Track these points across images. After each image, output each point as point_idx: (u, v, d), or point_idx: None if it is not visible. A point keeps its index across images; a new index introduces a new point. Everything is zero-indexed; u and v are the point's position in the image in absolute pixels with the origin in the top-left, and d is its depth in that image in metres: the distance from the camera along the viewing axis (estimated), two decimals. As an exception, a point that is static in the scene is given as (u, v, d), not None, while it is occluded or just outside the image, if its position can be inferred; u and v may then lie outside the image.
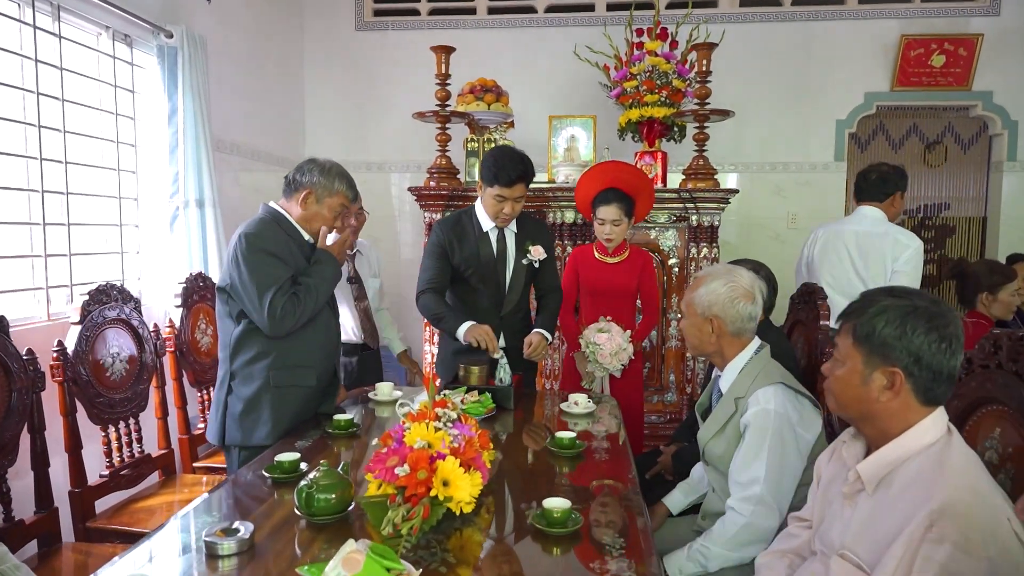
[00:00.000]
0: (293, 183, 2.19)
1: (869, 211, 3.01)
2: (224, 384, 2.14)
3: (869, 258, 2.95)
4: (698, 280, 1.85)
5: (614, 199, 2.81)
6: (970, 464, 1.12)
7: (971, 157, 4.91)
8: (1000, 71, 4.54)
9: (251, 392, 2.09)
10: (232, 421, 2.11)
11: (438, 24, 4.90)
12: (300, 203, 2.17)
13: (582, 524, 1.40)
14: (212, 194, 3.35)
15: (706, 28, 3.91)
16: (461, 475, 1.39)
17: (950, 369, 1.15)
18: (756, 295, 1.80)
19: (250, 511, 1.50)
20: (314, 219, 2.19)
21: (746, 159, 4.76)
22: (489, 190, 2.50)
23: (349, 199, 2.23)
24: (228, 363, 2.13)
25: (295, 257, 2.14)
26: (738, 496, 1.69)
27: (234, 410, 2.11)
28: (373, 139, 4.98)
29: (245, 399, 2.09)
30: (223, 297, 2.10)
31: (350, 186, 2.23)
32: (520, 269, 2.65)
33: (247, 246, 2.04)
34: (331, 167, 2.20)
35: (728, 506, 1.72)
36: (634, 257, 2.93)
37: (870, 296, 1.22)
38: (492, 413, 2.20)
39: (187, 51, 3.21)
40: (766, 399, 1.69)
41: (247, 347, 2.09)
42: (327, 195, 2.18)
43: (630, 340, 2.74)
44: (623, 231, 2.85)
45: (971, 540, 1.02)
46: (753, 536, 1.67)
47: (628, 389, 2.84)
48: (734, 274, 1.82)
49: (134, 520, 2.24)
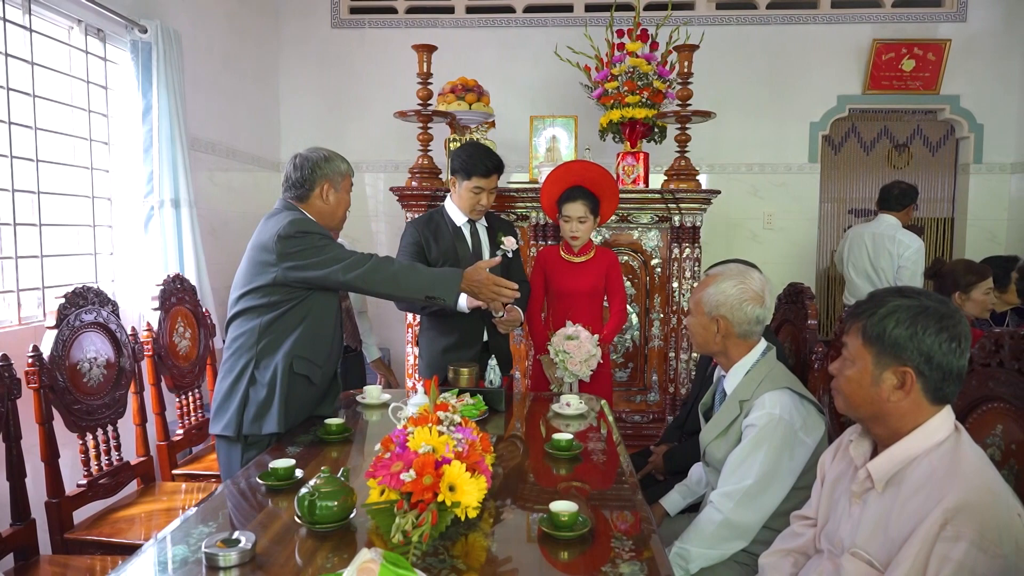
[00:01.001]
0: (304, 183, 2.16)
1: (887, 218, 3.89)
2: (248, 373, 2.09)
3: (880, 254, 3.84)
4: (708, 279, 1.84)
5: (579, 196, 2.85)
6: (982, 462, 1.13)
7: (939, 159, 5.04)
8: (967, 76, 4.67)
9: (269, 379, 2.07)
10: (250, 410, 2.08)
11: (416, 23, 4.85)
12: (322, 198, 2.18)
13: (590, 527, 1.39)
14: (188, 194, 3.26)
15: (686, 30, 3.94)
16: (467, 479, 1.36)
17: (959, 368, 1.17)
18: (766, 298, 1.79)
19: (247, 520, 1.46)
20: (339, 207, 2.22)
21: (723, 160, 4.81)
22: (466, 183, 2.55)
23: (352, 175, 2.28)
24: (253, 349, 2.09)
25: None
26: (722, 490, 1.70)
27: (253, 398, 2.08)
28: (349, 138, 4.91)
29: (264, 386, 2.07)
30: (257, 295, 2.07)
31: (347, 162, 2.26)
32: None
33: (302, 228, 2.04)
34: (325, 153, 2.20)
35: (709, 499, 1.72)
36: (600, 257, 2.95)
37: (880, 296, 1.23)
38: (485, 415, 2.18)
39: (162, 47, 3.12)
40: (772, 404, 1.68)
41: (272, 335, 2.08)
42: (340, 179, 2.20)
43: (598, 343, 2.75)
44: (589, 229, 2.88)
45: (986, 538, 1.03)
46: (731, 533, 1.69)
47: (597, 391, 2.84)
48: (746, 276, 1.80)
49: (115, 531, 2.16)
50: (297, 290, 2.09)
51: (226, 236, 3.97)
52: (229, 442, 2.12)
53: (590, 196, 2.86)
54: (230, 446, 2.13)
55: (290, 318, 2.10)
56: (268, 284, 2.06)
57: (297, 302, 2.10)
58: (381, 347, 4.77)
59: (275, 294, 2.08)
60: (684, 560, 1.70)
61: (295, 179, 2.16)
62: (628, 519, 1.49)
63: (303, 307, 2.12)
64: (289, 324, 2.10)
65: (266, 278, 2.06)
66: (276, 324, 2.09)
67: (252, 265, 2.10)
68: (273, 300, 2.08)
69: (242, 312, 2.11)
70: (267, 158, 4.74)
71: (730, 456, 1.74)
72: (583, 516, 1.41)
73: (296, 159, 2.18)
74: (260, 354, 2.09)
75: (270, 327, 2.09)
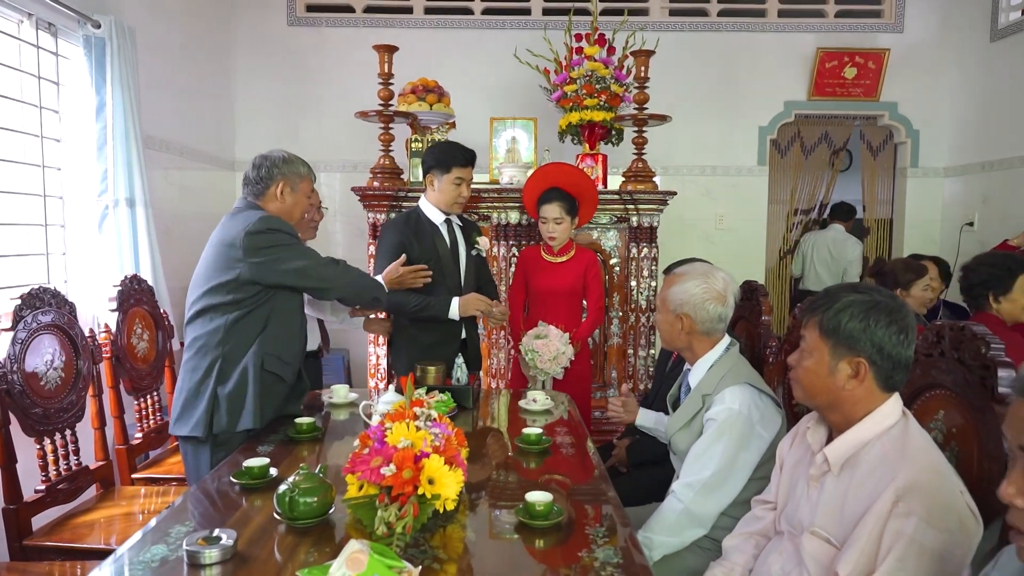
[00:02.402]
0: (260, 182, 2.17)
1: (837, 226, 5.30)
2: (213, 373, 2.07)
3: (834, 254, 5.18)
4: (674, 277, 1.91)
5: (555, 198, 2.93)
6: (928, 445, 1.23)
7: (880, 163, 5.28)
8: (904, 84, 4.91)
9: (239, 376, 2.06)
10: (221, 408, 2.06)
11: (374, 22, 4.84)
12: (278, 197, 2.18)
13: (565, 515, 1.44)
14: (143, 193, 3.20)
15: (641, 36, 4.04)
16: (446, 472, 1.40)
17: (907, 358, 1.26)
18: (728, 298, 1.87)
19: (224, 519, 1.46)
20: (295, 208, 2.22)
21: (676, 162, 4.94)
22: (446, 176, 2.60)
23: (312, 179, 2.29)
24: (220, 347, 2.07)
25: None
26: (683, 480, 1.78)
27: (223, 396, 2.06)
28: (306, 137, 4.87)
29: (235, 384, 2.06)
30: (221, 292, 2.05)
31: (307, 166, 2.27)
32: (471, 261, 2.76)
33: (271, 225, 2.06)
34: (284, 154, 2.22)
35: (671, 489, 1.80)
36: (579, 257, 3.03)
37: (834, 292, 1.32)
38: (454, 412, 2.22)
39: (116, 42, 3.06)
40: (732, 398, 1.76)
41: (239, 333, 2.07)
42: (298, 180, 2.21)
43: (570, 341, 2.81)
44: (566, 230, 2.94)
45: (934, 514, 1.12)
46: (691, 521, 1.77)
47: (573, 389, 2.91)
48: (709, 276, 1.88)
49: (75, 536, 2.12)
50: (261, 288, 2.09)
51: (182, 236, 3.89)
52: (197, 443, 2.09)
53: (567, 198, 2.94)
54: (198, 448, 2.10)
55: (257, 316, 2.10)
56: (232, 280, 2.05)
57: (263, 301, 2.10)
58: (340, 348, 4.76)
59: (240, 292, 2.06)
60: (648, 547, 1.77)
61: (253, 176, 2.17)
62: (600, 508, 1.55)
63: (268, 306, 2.11)
64: (256, 322, 2.10)
65: (231, 274, 2.04)
66: (243, 322, 2.08)
67: (216, 261, 2.08)
68: (238, 298, 2.07)
69: (205, 310, 2.09)
70: (222, 157, 4.67)
71: (692, 448, 1.82)
72: (558, 506, 1.46)
73: (256, 158, 2.20)
74: (228, 352, 2.07)
75: (237, 325, 2.07)
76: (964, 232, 4.68)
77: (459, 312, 2.58)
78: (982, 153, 4.62)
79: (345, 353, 4.83)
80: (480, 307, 2.59)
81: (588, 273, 3.00)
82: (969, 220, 4.68)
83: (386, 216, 3.56)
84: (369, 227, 3.60)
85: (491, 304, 2.61)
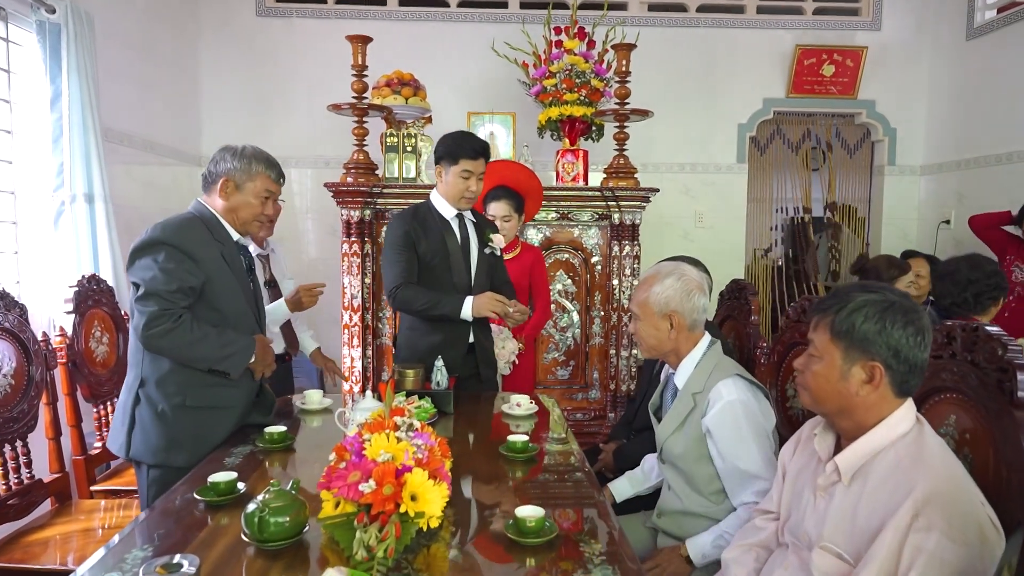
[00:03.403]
0: (209, 175, 2.02)
1: None
2: (132, 391, 1.90)
3: None
4: (647, 280, 1.83)
5: (503, 196, 2.92)
6: (945, 452, 1.16)
7: (856, 161, 5.28)
8: (881, 82, 4.91)
9: (166, 406, 1.87)
10: (141, 435, 1.88)
11: (347, 14, 4.70)
12: (220, 193, 1.99)
13: (558, 532, 1.35)
14: (102, 188, 3.04)
15: (621, 30, 3.96)
16: (430, 488, 1.30)
17: (923, 361, 1.19)
18: (705, 287, 1.83)
19: (187, 541, 1.34)
20: (240, 208, 2.01)
21: (655, 159, 4.88)
22: (453, 168, 2.41)
23: (273, 179, 2.04)
24: (139, 367, 1.90)
25: (213, 260, 1.92)
26: (750, 490, 1.68)
27: (144, 422, 1.88)
28: (275, 132, 4.70)
29: (158, 412, 1.87)
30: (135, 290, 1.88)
31: (270, 165, 2.04)
32: (483, 259, 2.56)
33: (148, 238, 1.85)
34: (244, 148, 2.02)
35: (741, 503, 1.70)
36: (524, 254, 3.03)
37: (845, 291, 1.24)
38: (434, 419, 2.11)
39: (72, 29, 2.89)
40: (728, 391, 1.70)
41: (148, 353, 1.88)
42: (247, 179, 1.99)
43: (514, 338, 2.81)
44: (513, 227, 2.95)
45: (954, 527, 1.05)
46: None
47: (519, 385, 2.88)
48: (681, 268, 1.83)
49: (27, 555, 1.98)
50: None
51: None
52: (137, 464, 1.95)
53: (513, 195, 2.93)
54: (139, 468, 1.95)
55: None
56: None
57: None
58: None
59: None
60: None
61: (205, 170, 2.03)
62: (594, 522, 1.45)
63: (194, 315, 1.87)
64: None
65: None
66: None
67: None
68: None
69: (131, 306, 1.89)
70: (187, 151, 4.49)
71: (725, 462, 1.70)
72: (550, 521, 1.36)
73: (220, 149, 2.04)
74: (145, 372, 1.89)
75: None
76: (941, 230, 4.69)
77: (473, 312, 2.36)
78: (958, 151, 4.63)
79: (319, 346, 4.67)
80: (496, 307, 2.34)
81: (534, 271, 3.01)
82: (946, 218, 4.69)
83: (360, 213, 3.44)
84: (343, 225, 3.47)
85: (508, 304, 2.37)
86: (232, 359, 1.90)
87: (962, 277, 2.43)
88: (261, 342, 2.02)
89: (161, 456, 1.88)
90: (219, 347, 1.87)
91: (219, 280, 1.92)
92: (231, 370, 1.90)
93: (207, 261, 1.89)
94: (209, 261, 1.90)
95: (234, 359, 1.90)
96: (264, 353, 2.02)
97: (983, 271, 2.42)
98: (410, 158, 3.60)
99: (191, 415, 1.89)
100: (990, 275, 2.42)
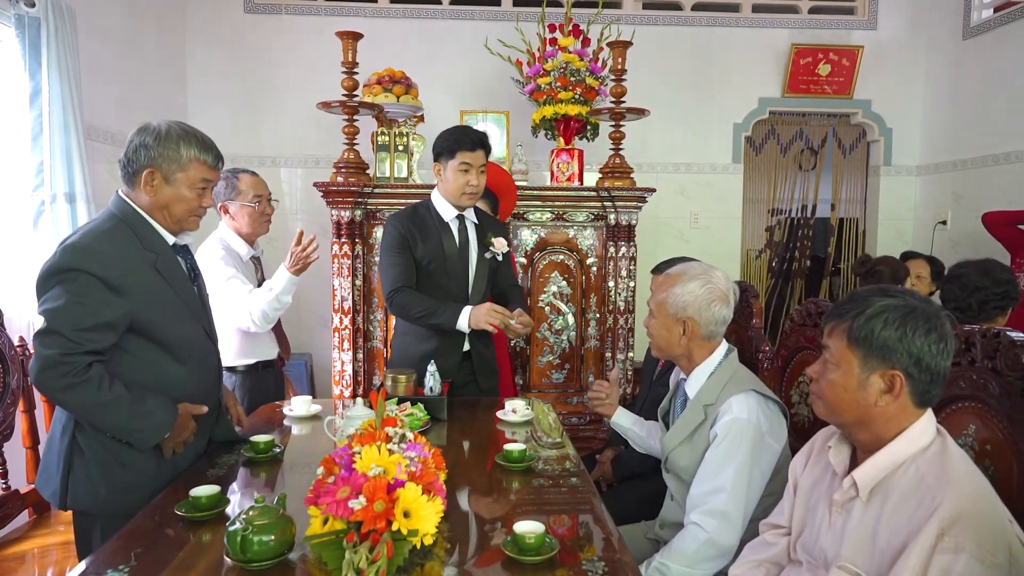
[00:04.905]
0: (129, 165, 1.65)
1: None
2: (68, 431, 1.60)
3: None
4: (672, 278, 1.75)
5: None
6: (970, 467, 1.10)
7: (852, 161, 5.24)
8: (878, 81, 4.87)
9: (105, 439, 1.60)
10: (82, 475, 1.60)
11: (337, 11, 4.62)
12: (144, 188, 1.64)
13: (559, 548, 1.28)
14: (84, 187, 2.94)
15: (617, 28, 3.90)
16: (424, 503, 1.23)
17: (945, 369, 1.13)
18: (730, 298, 1.73)
19: (165, 561, 1.26)
20: (171, 204, 1.66)
21: (650, 159, 4.82)
22: (451, 162, 2.32)
23: (211, 165, 1.70)
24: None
25: (145, 284, 1.60)
26: (701, 509, 1.61)
27: (88, 466, 1.60)
28: (264, 131, 4.62)
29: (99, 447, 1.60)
30: None
31: (204, 147, 1.69)
32: (483, 263, 2.47)
33: (59, 262, 1.52)
34: (168, 130, 1.66)
35: (690, 520, 1.63)
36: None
37: (863, 296, 1.18)
38: (427, 427, 2.04)
39: (52, 23, 2.80)
40: (739, 408, 1.61)
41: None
42: (177, 169, 1.65)
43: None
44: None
45: (983, 547, 0.99)
46: (714, 552, 1.59)
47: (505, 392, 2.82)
48: (710, 274, 1.73)
49: (3, 570, 1.90)
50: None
51: (129, 235, 3.62)
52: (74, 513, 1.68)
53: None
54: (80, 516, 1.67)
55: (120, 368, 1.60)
56: None
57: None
58: (303, 353, 4.52)
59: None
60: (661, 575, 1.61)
61: (123, 155, 1.67)
62: (596, 536, 1.39)
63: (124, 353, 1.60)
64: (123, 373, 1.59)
65: None
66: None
67: None
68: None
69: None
70: (174, 151, 4.38)
71: (701, 470, 1.65)
72: (550, 537, 1.29)
73: (137, 129, 1.68)
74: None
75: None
76: (937, 231, 4.65)
77: (470, 324, 2.27)
78: (954, 151, 4.60)
79: (308, 358, 4.60)
80: (493, 320, 2.24)
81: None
82: (942, 219, 4.65)
83: (351, 214, 3.36)
84: (333, 225, 3.39)
85: (508, 316, 2.26)
86: (140, 434, 1.59)
87: (969, 282, 2.31)
88: (182, 417, 1.67)
89: (108, 498, 1.60)
90: (128, 418, 1.56)
91: (156, 306, 1.62)
92: (137, 445, 1.60)
93: (135, 288, 1.57)
94: (138, 287, 1.58)
95: (143, 435, 1.60)
96: (181, 430, 1.67)
97: (992, 279, 2.30)
98: (401, 157, 3.53)
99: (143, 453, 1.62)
100: (999, 283, 2.29)
